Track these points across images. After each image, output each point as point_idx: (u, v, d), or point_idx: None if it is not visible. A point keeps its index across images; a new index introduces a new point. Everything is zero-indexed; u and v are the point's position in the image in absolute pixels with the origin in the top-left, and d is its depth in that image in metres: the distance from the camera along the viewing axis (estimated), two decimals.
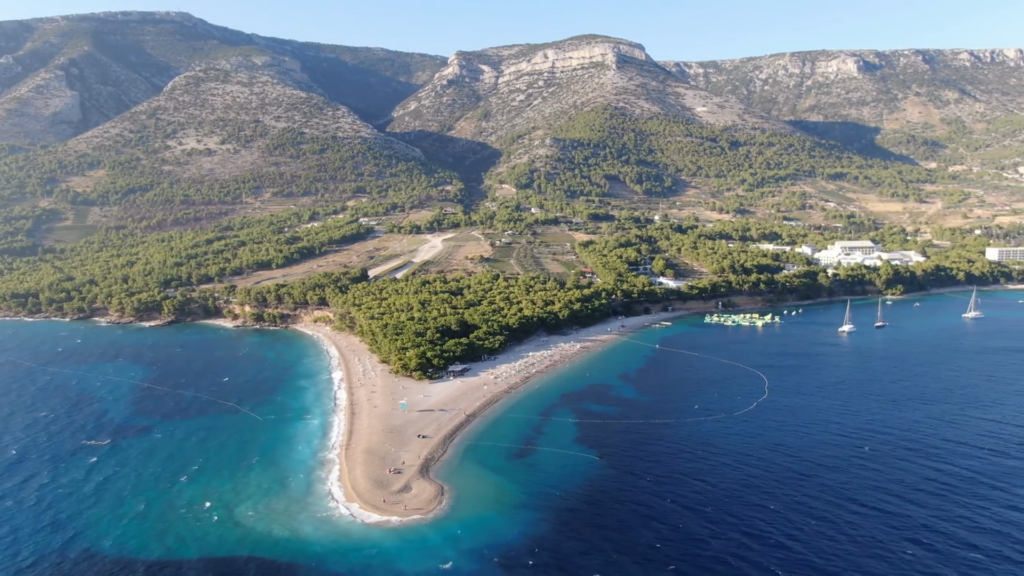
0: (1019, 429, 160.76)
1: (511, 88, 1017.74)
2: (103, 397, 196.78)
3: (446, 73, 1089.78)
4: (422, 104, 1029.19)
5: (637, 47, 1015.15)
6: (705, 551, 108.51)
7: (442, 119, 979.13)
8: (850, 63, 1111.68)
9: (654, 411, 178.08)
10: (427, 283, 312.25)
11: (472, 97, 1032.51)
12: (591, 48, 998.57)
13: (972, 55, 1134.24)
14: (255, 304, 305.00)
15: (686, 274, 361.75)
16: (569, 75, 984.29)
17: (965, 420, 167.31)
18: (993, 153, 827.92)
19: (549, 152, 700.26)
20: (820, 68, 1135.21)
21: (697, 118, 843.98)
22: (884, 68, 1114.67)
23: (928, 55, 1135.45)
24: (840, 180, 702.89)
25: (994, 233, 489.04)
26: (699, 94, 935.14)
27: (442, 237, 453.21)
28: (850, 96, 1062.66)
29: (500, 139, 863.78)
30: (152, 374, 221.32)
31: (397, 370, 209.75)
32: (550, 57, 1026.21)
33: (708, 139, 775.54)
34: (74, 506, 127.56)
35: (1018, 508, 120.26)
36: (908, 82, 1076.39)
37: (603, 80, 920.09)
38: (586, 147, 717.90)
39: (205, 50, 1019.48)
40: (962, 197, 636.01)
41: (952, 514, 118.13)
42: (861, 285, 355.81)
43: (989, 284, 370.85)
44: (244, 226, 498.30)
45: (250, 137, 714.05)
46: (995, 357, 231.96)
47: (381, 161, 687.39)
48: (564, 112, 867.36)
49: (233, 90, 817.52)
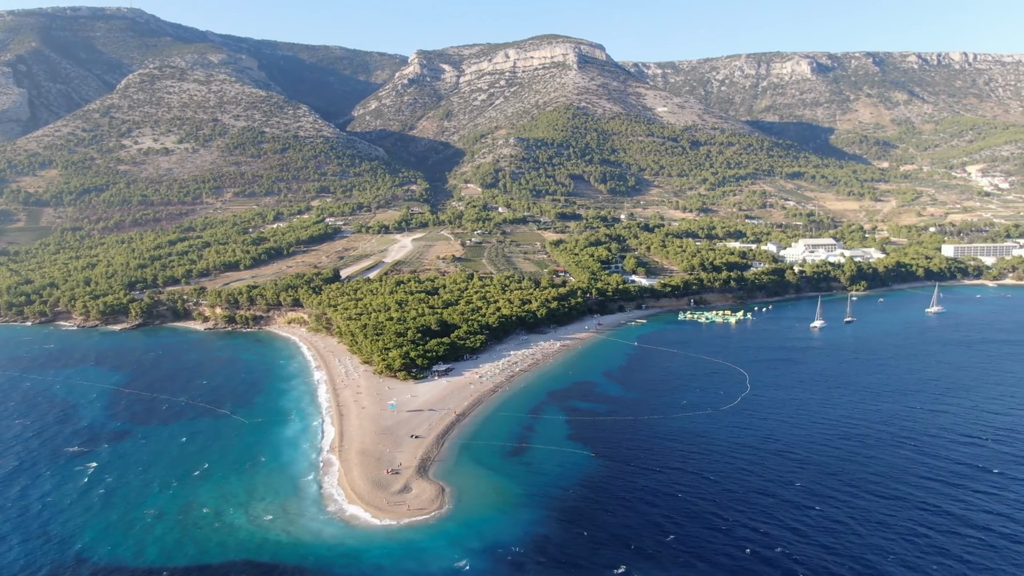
0: (995, 416, 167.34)
1: (473, 88, 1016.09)
2: (80, 403, 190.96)
3: (407, 72, 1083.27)
4: (383, 103, 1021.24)
5: (598, 47, 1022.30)
6: (717, 539, 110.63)
7: (403, 118, 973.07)
8: (804, 65, 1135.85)
9: (642, 407, 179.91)
10: (401, 283, 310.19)
11: (433, 96, 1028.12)
12: (552, 48, 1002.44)
13: (920, 58, 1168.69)
14: (226, 306, 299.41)
15: (657, 272, 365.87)
16: (531, 75, 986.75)
17: (943, 409, 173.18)
18: (941, 153, 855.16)
19: (513, 151, 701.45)
20: (775, 69, 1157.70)
21: (658, 118, 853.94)
22: (836, 70, 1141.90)
23: (878, 57, 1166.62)
24: (798, 179, 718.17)
25: (947, 230, 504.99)
26: (659, 94, 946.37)
27: (411, 237, 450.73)
28: (804, 97, 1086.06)
29: (463, 138, 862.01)
30: (127, 378, 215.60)
31: (381, 371, 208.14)
32: (511, 57, 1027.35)
33: (669, 139, 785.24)
34: (69, 515, 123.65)
35: (1006, 490, 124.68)
36: (859, 84, 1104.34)
37: (565, 80, 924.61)
38: (550, 147, 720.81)
39: (158, 47, 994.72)
40: (915, 196, 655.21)
41: (948, 497, 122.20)
42: (826, 282, 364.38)
43: (947, 279, 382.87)
44: (207, 227, 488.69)
45: (209, 136, 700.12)
46: (961, 349, 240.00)
47: (344, 161, 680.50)
48: (527, 112, 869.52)
49: (190, 88, 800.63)
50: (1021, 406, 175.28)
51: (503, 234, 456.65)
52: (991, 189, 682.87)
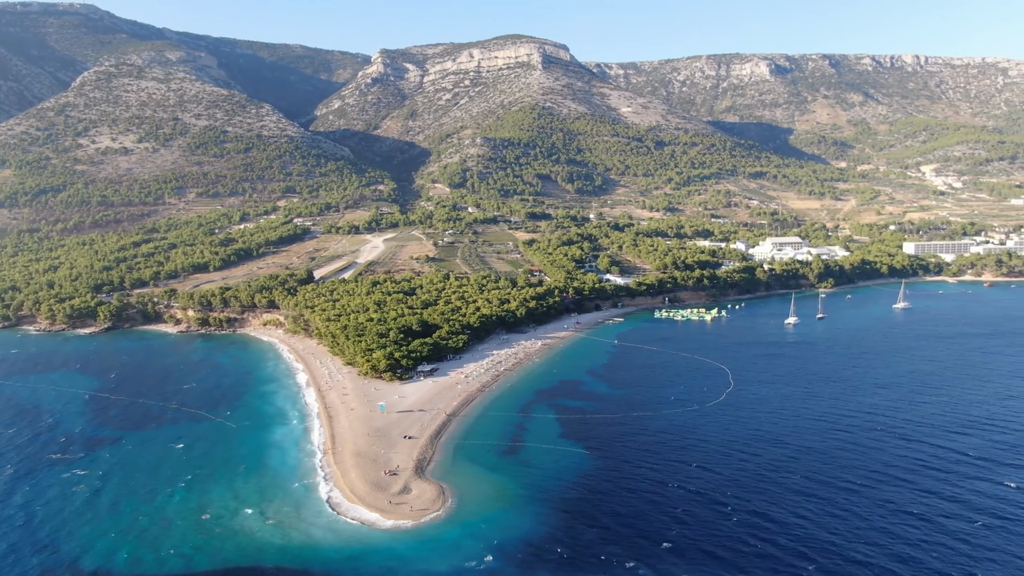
0: (970, 407, 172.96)
1: (437, 87, 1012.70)
2: (58, 409, 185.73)
3: (370, 71, 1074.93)
4: (346, 103, 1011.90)
5: (562, 48, 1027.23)
6: (727, 529, 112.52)
7: (367, 118, 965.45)
8: (763, 66, 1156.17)
9: (630, 404, 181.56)
10: (378, 283, 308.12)
11: (397, 96, 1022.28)
12: (517, 48, 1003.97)
13: (874, 60, 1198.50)
14: (199, 308, 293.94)
15: (630, 271, 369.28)
16: (495, 75, 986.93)
17: (923, 400, 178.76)
18: (897, 153, 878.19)
19: (480, 151, 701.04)
20: (735, 71, 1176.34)
21: (623, 118, 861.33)
22: (794, 71, 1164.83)
23: (834, 59, 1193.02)
24: (760, 179, 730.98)
25: (907, 228, 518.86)
26: (623, 95, 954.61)
27: (382, 237, 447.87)
28: (763, 98, 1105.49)
29: (428, 138, 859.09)
30: (104, 383, 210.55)
31: (366, 372, 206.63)
32: (476, 57, 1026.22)
33: (634, 139, 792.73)
34: (77, 523, 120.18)
35: (992, 480, 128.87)
36: (816, 85, 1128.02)
37: (530, 80, 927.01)
38: (516, 146, 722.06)
39: (114, 44, 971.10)
40: (873, 195, 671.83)
41: (938, 487, 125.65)
42: (795, 279, 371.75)
43: (909, 276, 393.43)
44: (171, 228, 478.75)
45: (169, 135, 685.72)
46: (930, 343, 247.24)
47: (310, 160, 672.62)
48: (492, 112, 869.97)
49: (148, 86, 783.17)
50: (995, 397, 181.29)
51: (475, 234, 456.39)
52: (945, 188, 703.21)
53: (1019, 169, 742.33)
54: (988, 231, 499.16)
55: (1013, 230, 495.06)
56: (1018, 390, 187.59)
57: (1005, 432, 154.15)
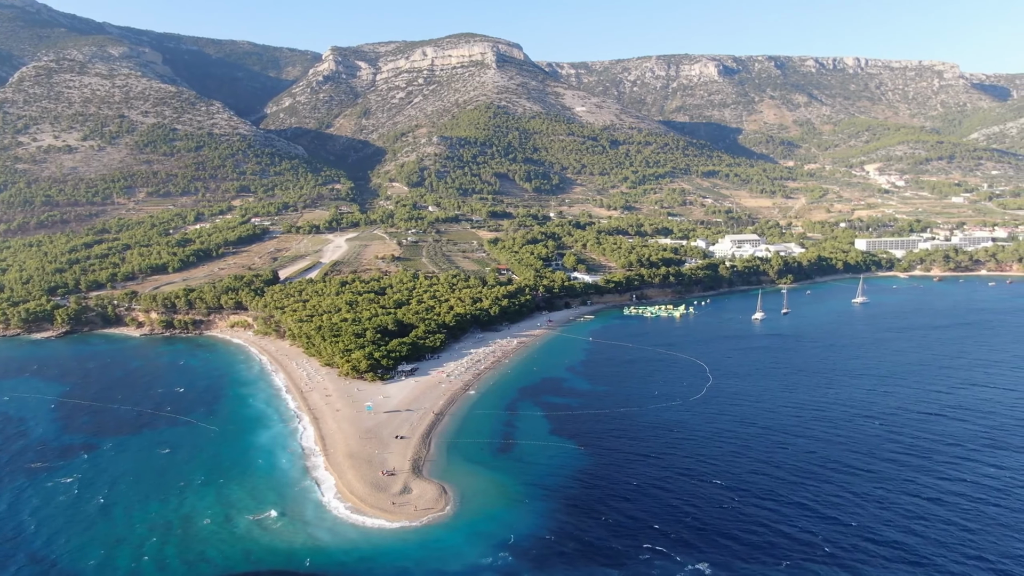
0: (940, 395, 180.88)
1: (390, 85, 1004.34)
2: (26, 416, 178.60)
3: (321, 69, 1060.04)
4: (297, 100, 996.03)
5: (515, 47, 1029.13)
6: (732, 517, 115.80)
7: (320, 116, 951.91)
8: (711, 67, 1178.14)
9: (614, 400, 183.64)
10: (346, 283, 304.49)
11: (350, 94, 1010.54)
12: (470, 47, 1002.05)
13: (817, 62, 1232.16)
14: (163, 310, 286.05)
15: (595, 269, 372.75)
16: (449, 73, 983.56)
17: (894, 390, 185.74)
18: (841, 152, 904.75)
19: (437, 150, 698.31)
20: (684, 71, 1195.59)
21: (577, 117, 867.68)
22: (741, 72, 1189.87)
23: (779, 61, 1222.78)
24: (713, 177, 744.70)
25: (856, 226, 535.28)
26: (577, 94, 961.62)
27: (344, 237, 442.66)
28: (712, 98, 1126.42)
29: (382, 137, 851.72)
30: (72, 389, 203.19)
31: (347, 372, 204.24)
32: (429, 55, 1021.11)
33: (589, 138, 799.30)
34: (55, 534, 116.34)
35: (973, 460, 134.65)
36: (763, 86, 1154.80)
37: (484, 79, 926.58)
38: (473, 145, 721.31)
39: (52, 39, 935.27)
40: (822, 193, 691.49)
41: (924, 468, 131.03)
42: (756, 276, 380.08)
43: (863, 272, 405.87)
44: (123, 228, 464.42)
45: (116, 133, 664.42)
46: (893, 335, 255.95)
47: (263, 159, 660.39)
48: (447, 110, 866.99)
49: (92, 82, 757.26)
50: (961, 384, 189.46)
51: (438, 233, 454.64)
52: (888, 187, 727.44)
53: (956, 168, 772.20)
54: (933, 228, 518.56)
55: (956, 227, 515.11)
56: (980, 378, 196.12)
57: (976, 417, 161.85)
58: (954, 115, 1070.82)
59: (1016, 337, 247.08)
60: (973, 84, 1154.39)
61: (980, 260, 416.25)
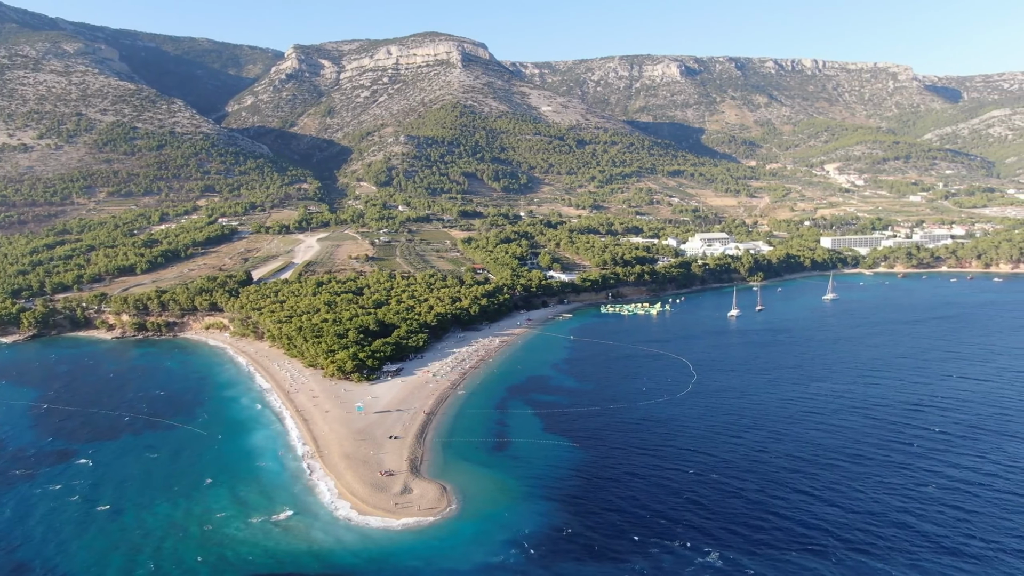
0: (917, 387, 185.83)
1: (355, 84, 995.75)
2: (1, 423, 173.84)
3: (284, 67, 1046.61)
4: (259, 99, 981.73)
5: (480, 46, 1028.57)
6: (736, 508, 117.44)
7: (283, 115, 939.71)
8: (673, 67, 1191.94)
9: (602, 397, 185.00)
10: (323, 284, 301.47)
11: (314, 93, 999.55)
12: (436, 46, 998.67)
13: (776, 63, 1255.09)
14: (135, 312, 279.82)
15: (570, 268, 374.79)
16: (415, 72, 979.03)
17: (874, 383, 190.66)
18: (801, 152, 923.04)
19: (405, 150, 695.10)
20: (647, 71, 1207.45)
21: (544, 117, 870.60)
22: (703, 73, 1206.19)
23: (740, 62, 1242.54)
24: (679, 177, 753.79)
25: (820, 224, 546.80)
26: (543, 94, 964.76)
27: (315, 237, 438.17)
28: (675, 98, 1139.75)
29: (347, 136, 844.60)
30: (46, 394, 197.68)
31: (332, 373, 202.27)
32: (394, 53, 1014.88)
33: (556, 138, 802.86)
34: (51, 542, 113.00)
35: (956, 451, 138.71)
36: (724, 87, 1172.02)
37: (450, 78, 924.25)
38: (441, 145, 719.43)
39: (3, 34, 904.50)
40: (785, 192, 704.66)
41: (910, 459, 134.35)
42: (727, 273, 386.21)
43: (829, 269, 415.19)
44: (85, 229, 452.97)
45: (73, 132, 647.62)
46: (866, 330, 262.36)
47: (228, 158, 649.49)
48: (413, 109, 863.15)
49: (47, 79, 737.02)
50: (936, 377, 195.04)
51: (410, 232, 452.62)
52: (848, 186, 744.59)
53: (912, 168, 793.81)
54: (894, 226, 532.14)
55: (916, 225, 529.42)
56: (953, 371, 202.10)
57: (954, 408, 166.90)
58: (908, 116, 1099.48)
59: (985, 330, 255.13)
60: (926, 86, 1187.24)
61: (941, 257, 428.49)
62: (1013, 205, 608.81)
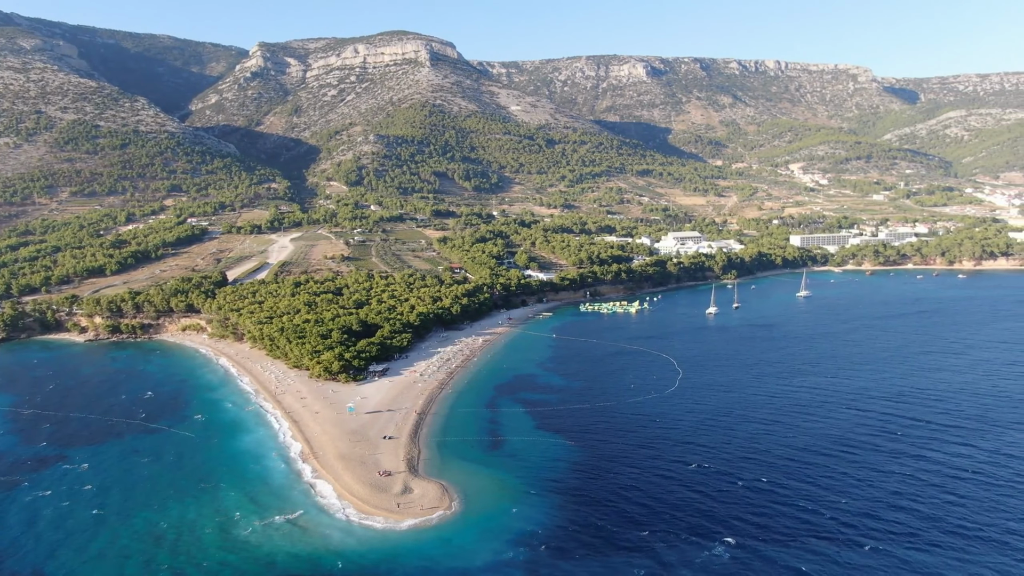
0: (897, 379, 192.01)
1: (321, 83, 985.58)
2: None
3: (249, 65, 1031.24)
4: (224, 97, 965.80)
5: (449, 45, 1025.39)
6: (742, 498, 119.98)
7: (249, 113, 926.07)
8: (640, 68, 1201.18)
9: (591, 395, 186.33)
10: (300, 284, 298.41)
11: (280, 91, 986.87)
12: (403, 45, 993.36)
13: (740, 64, 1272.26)
14: (108, 315, 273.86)
15: (546, 266, 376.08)
16: (382, 71, 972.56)
17: (856, 376, 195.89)
18: (766, 152, 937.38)
19: (374, 149, 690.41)
20: (613, 72, 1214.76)
21: (513, 116, 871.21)
22: (669, 73, 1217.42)
23: (704, 63, 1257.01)
24: (648, 176, 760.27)
25: (788, 223, 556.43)
26: (512, 93, 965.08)
27: (288, 237, 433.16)
28: (642, 99, 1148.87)
29: (315, 135, 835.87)
30: (22, 398, 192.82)
31: (318, 374, 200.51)
32: (361, 52, 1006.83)
33: (526, 137, 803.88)
34: (47, 548, 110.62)
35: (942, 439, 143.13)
36: (690, 87, 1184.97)
37: (418, 77, 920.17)
38: (411, 144, 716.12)
39: None
40: (752, 192, 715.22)
41: (901, 447, 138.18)
42: (702, 271, 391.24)
43: (800, 267, 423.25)
44: (49, 229, 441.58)
45: (33, 130, 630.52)
46: (841, 326, 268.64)
47: (194, 158, 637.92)
48: (382, 108, 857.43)
49: (4, 76, 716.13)
50: (915, 370, 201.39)
51: (384, 232, 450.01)
52: (813, 185, 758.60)
53: (874, 167, 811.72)
54: (859, 224, 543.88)
55: (880, 223, 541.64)
56: (929, 363, 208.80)
57: (935, 398, 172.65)
58: (868, 117, 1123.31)
59: (956, 325, 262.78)
60: (885, 88, 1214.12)
61: (907, 254, 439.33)
62: (972, 204, 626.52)
